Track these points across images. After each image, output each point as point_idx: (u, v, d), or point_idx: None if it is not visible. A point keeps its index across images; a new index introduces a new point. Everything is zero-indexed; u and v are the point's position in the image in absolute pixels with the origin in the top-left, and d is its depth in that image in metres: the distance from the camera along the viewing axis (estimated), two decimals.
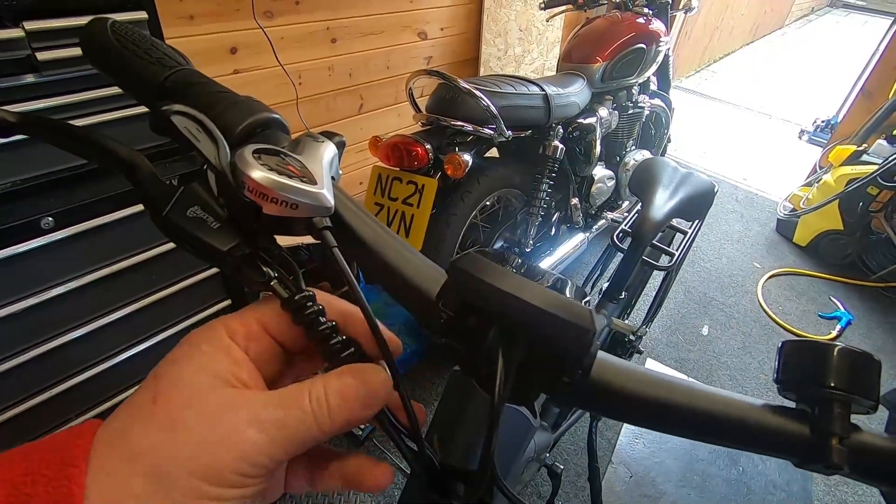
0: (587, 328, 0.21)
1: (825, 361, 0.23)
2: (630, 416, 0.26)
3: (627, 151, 2.04)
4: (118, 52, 0.28)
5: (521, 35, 2.43)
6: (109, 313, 1.03)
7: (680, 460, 1.53)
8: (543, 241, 1.87)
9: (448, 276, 0.25)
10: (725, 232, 2.71)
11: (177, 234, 0.24)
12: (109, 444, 0.19)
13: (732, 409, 0.24)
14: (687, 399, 0.24)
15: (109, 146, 0.24)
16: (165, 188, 0.24)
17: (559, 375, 0.24)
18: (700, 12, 4.41)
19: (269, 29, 1.50)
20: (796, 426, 0.24)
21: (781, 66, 6.00)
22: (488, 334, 0.24)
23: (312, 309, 0.23)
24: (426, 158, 1.31)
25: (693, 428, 0.25)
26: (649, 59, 1.86)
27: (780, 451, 0.24)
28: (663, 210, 0.85)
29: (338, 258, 0.24)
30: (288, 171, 0.24)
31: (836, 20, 8.95)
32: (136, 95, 0.30)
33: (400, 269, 0.28)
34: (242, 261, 0.24)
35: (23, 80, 0.81)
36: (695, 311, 2.13)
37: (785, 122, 4.36)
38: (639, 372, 0.25)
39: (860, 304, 2.26)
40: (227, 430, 0.19)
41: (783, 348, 0.25)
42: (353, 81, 1.88)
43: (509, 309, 0.22)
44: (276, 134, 0.28)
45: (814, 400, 0.24)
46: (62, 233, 0.89)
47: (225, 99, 0.28)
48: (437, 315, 0.26)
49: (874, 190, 2.22)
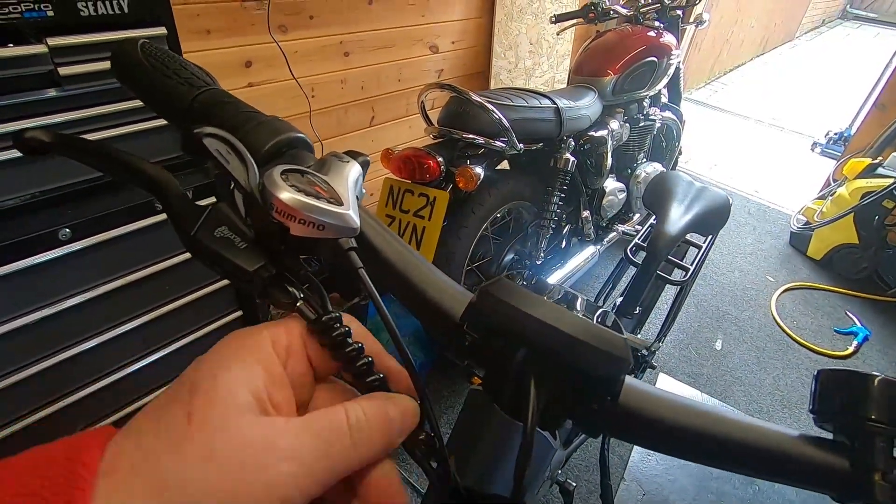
0: (622, 357, 0.21)
1: (866, 392, 0.22)
2: (660, 445, 0.25)
3: (639, 164, 2.03)
4: (148, 72, 0.29)
5: (532, 48, 2.45)
6: (122, 324, 1.04)
7: (694, 478, 1.50)
8: (554, 253, 1.86)
9: (477, 299, 0.24)
10: (738, 245, 2.68)
11: (204, 254, 0.24)
12: (133, 466, 0.17)
13: (767, 439, 0.24)
14: (719, 428, 0.24)
15: (139, 166, 0.24)
16: (194, 208, 0.24)
17: (588, 402, 0.23)
18: (710, 25, 4.42)
19: (283, 43, 1.52)
20: (835, 459, 0.23)
21: (792, 77, 5.98)
22: (514, 359, 0.24)
23: (340, 331, 0.23)
24: (438, 171, 1.31)
25: (726, 459, 0.24)
26: (660, 71, 1.86)
27: (818, 486, 0.23)
28: (678, 225, 0.85)
29: (364, 279, 0.24)
30: (315, 192, 0.24)
31: (847, 32, 8.92)
32: (164, 113, 0.30)
33: (424, 289, 0.28)
34: (269, 281, 0.24)
35: (45, 94, 0.83)
36: (708, 325, 2.10)
37: (797, 135, 4.33)
38: (668, 398, 0.25)
39: (876, 320, 2.22)
40: (260, 464, 0.18)
41: (819, 377, 0.24)
42: (366, 94, 1.89)
43: (543, 337, 0.22)
44: (301, 153, 0.28)
45: (854, 432, 0.23)
46: (79, 244, 0.90)
47: (252, 119, 0.28)
48: (461, 337, 0.26)
49: (890, 203, 2.19)
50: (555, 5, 2.39)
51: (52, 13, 0.78)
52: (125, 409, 1.13)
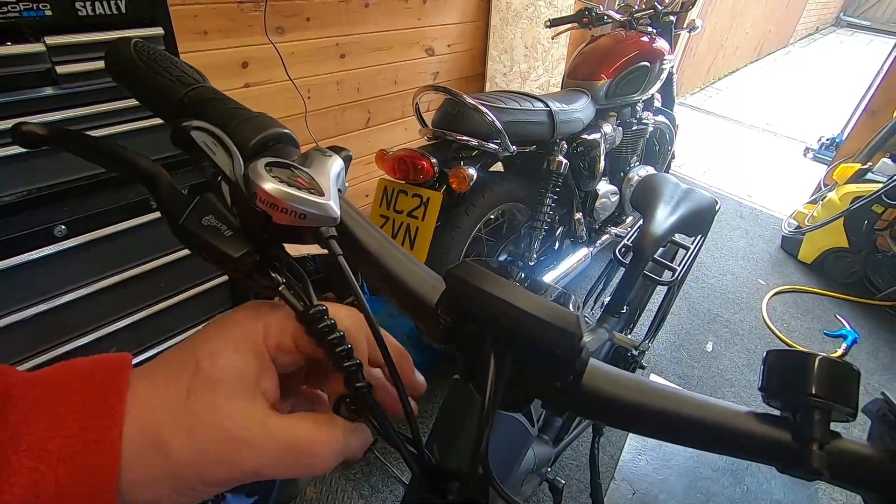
0: (573, 332, 0.22)
1: (807, 370, 0.24)
2: (621, 422, 0.26)
3: (631, 167, 2.05)
4: (140, 70, 0.30)
5: (527, 52, 2.47)
6: (117, 320, 1.05)
7: (683, 477, 1.51)
8: (547, 255, 1.88)
9: (445, 283, 0.26)
10: (730, 248, 2.70)
11: (192, 241, 0.25)
12: (141, 425, 0.21)
13: (719, 415, 0.25)
14: (675, 405, 0.25)
15: (131, 158, 0.25)
16: (182, 198, 0.25)
17: (552, 381, 0.25)
18: (704, 31, 4.46)
19: (279, 44, 1.53)
20: (780, 433, 0.25)
21: (786, 84, 6.04)
22: (485, 341, 0.25)
23: (325, 322, 0.24)
24: (432, 172, 1.33)
25: (681, 433, 0.25)
26: (653, 76, 1.88)
27: (765, 457, 0.25)
28: (664, 225, 0.86)
29: (343, 266, 0.26)
30: (297, 184, 0.25)
31: (840, 39, 9.00)
32: (156, 110, 0.32)
33: (402, 277, 0.29)
34: (253, 267, 0.25)
35: (42, 92, 0.84)
36: (699, 327, 2.12)
37: (789, 140, 4.37)
38: (630, 379, 0.26)
39: (866, 323, 2.24)
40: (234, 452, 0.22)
41: (768, 358, 0.26)
42: (361, 96, 1.91)
43: (501, 314, 0.23)
44: (286, 148, 0.30)
45: (796, 407, 0.24)
46: (74, 241, 0.91)
47: (239, 115, 0.29)
48: (437, 322, 0.28)
49: (879, 208, 2.22)
50: (550, 10, 2.42)
51: (51, 12, 0.79)
52: None
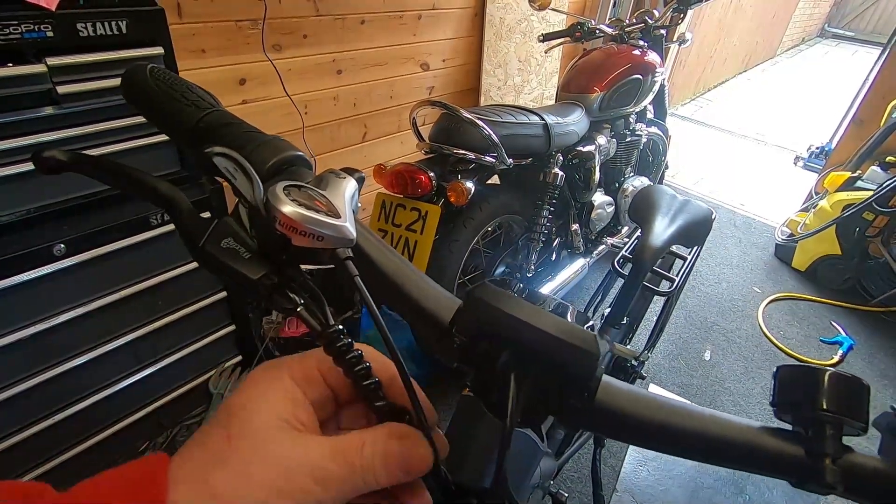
0: (592, 352, 0.23)
1: (817, 386, 0.24)
2: (633, 438, 0.27)
3: (626, 178, 2.07)
4: (156, 95, 0.31)
5: (521, 66, 2.50)
6: (115, 339, 1.04)
7: (685, 488, 1.51)
8: (544, 266, 1.89)
9: (464, 303, 0.26)
10: (724, 257, 2.73)
11: (211, 264, 0.25)
12: (188, 483, 0.21)
13: (731, 431, 0.26)
14: (687, 421, 0.26)
15: (151, 183, 0.26)
16: (201, 221, 0.26)
17: (566, 399, 0.25)
18: (693, 43, 4.54)
19: (277, 61, 1.55)
20: (792, 447, 0.25)
21: (774, 93, 6.14)
22: (499, 359, 0.26)
23: (343, 342, 0.25)
24: (429, 186, 1.34)
25: (693, 449, 0.26)
26: (645, 88, 1.91)
27: (778, 472, 0.25)
28: (663, 237, 0.87)
29: (359, 287, 0.26)
30: (315, 206, 0.26)
31: (826, 50, 9.18)
32: (172, 134, 0.32)
33: (416, 297, 0.29)
34: (272, 288, 0.26)
35: (42, 112, 0.84)
36: (696, 336, 2.13)
37: (780, 149, 4.43)
38: (642, 395, 0.27)
39: (861, 329, 2.26)
40: (291, 478, 0.21)
41: (778, 373, 0.26)
42: (358, 111, 1.93)
43: (522, 335, 0.24)
44: (301, 170, 0.30)
45: (808, 422, 0.25)
46: (73, 259, 0.91)
47: (254, 138, 0.30)
48: (450, 340, 0.28)
49: (870, 215, 2.25)
50: (542, 24, 2.45)
51: (52, 34, 0.80)
52: (122, 421, 1.12)
